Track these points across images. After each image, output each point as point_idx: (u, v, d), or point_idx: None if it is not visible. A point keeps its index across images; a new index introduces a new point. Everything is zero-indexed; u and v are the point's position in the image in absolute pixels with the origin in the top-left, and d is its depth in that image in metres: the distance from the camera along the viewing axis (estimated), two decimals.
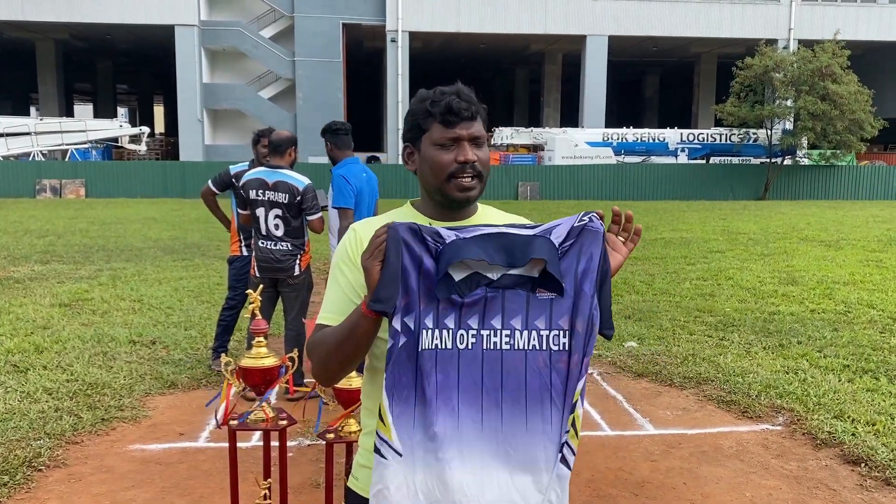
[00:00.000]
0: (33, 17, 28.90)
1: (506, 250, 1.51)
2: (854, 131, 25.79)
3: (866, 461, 4.07)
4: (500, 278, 1.52)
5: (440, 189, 1.66)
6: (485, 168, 1.66)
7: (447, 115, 1.62)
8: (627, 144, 28.80)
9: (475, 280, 1.52)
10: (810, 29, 30.83)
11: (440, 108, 1.62)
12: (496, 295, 1.52)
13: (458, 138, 1.63)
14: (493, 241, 1.51)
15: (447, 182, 1.64)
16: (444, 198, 1.67)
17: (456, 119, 1.62)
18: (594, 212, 1.60)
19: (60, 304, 7.91)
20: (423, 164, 1.67)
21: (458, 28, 30.48)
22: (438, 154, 1.64)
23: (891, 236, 14.55)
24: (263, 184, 4.97)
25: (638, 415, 4.93)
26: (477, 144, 1.65)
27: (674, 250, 12.51)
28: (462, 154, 1.62)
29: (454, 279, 1.51)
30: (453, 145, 1.63)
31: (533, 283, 1.53)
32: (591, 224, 1.57)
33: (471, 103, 1.64)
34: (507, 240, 1.51)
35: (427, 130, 1.65)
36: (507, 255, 1.51)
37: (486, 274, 1.52)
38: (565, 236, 1.56)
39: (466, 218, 1.71)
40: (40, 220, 17.02)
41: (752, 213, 20.75)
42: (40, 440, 4.28)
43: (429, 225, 1.54)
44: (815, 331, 6.92)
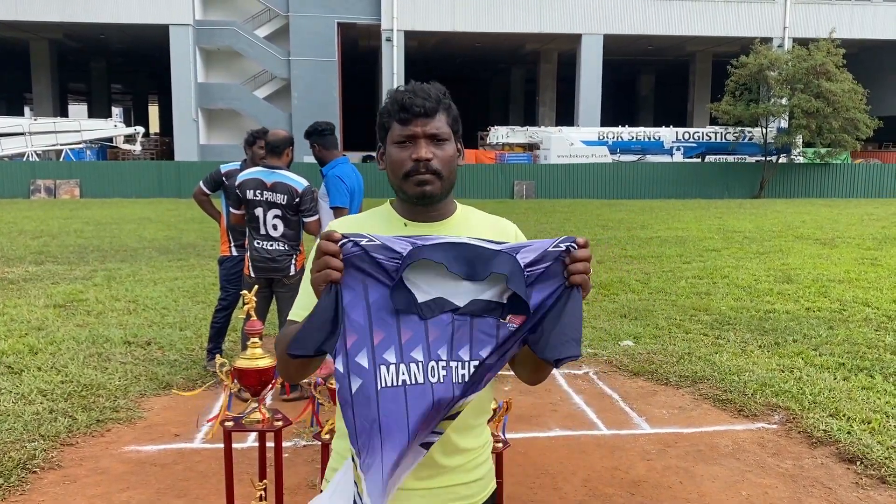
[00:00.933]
0: (27, 16, 28.80)
1: (467, 261, 1.43)
2: (849, 130, 25.84)
3: (861, 459, 4.07)
4: (468, 304, 1.44)
5: (400, 188, 1.64)
6: (445, 166, 1.62)
7: (402, 112, 1.60)
8: (623, 143, 28.82)
9: (439, 304, 1.43)
10: (805, 27, 30.89)
11: (396, 105, 1.61)
12: (464, 323, 1.44)
13: (414, 136, 1.60)
14: (454, 250, 1.43)
15: (405, 181, 1.62)
16: (405, 195, 1.64)
17: (409, 116, 1.59)
18: (574, 239, 1.47)
19: (55, 305, 7.89)
20: (387, 163, 1.66)
21: (453, 27, 30.47)
22: (396, 152, 1.62)
23: (885, 234, 14.59)
24: (261, 184, 4.96)
25: (634, 414, 4.93)
26: (436, 142, 1.61)
27: (669, 249, 12.52)
28: (416, 152, 1.59)
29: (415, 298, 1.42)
30: (410, 143, 1.60)
31: (503, 309, 1.45)
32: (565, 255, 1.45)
33: (427, 99, 1.60)
34: (469, 250, 1.44)
35: (389, 129, 1.64)
36: (467, 265, 1.43)
37: (452, 299, 1.44)
38: (535, 259, 1.45)
39: (444, 219, 1.68)
40: (35, 221, 16.97)
41: (747, 211, 20.79)
42: (35, 442, 4.26)
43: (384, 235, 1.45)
44: (811, 329, 6.94)
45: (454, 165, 1.66)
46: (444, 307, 1.43)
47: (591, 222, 17.48)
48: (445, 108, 1.64)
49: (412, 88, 1.62)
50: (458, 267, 1.42)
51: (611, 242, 13.46)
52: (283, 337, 1.58)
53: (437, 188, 1.62)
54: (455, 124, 1.66)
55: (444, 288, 1.44)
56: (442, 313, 1.43)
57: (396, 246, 1.42)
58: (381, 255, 1.42)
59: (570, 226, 16.62)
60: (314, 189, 5.16)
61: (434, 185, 1.61)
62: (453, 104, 1.67)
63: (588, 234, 14.77)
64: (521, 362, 1.60)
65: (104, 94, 42.04)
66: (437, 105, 1.62)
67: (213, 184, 5.75)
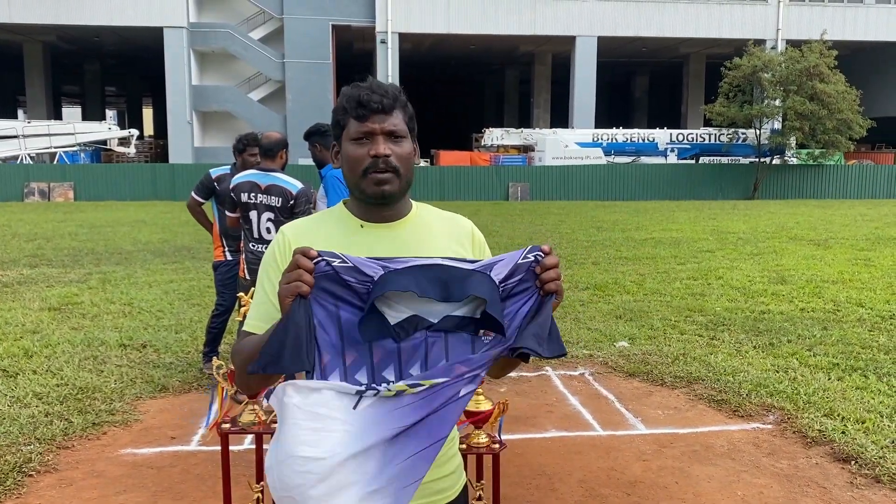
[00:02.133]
0: (20, 18, 28.73)
1: (441, 283, 1.40)
2: (842, 131, 25.97)
3: (856, 459, 4.09)
4: (441, 321, 1.42)
5: (357, 186, 1.61)
6: (402, 164, 1.60)
7: (358, 108, 1.58)
8: (617, 145, 28.89)
9: (413, 323, 1.42)
10: (798, 29, 31.02)
11: (352, 102, 1.59)
12: (437, 339, 1.42)
13: (372, 132, 1.58)
14: (427, 273, 1.40)
15: (363, 178, 1.59)
16: (362, 194, 1.62)
17: (366, 112, 1.57)
18: (540, 248, 1.46)
19: (50, 308, 7.87)
20: (343, 161, 1.64)
21: (447, 29, 30.51)
22: (354, 149, 1.60)
23: (878, 235, 14.65)
24: (256, 187, 4.94)
25: (629, 414, 4.94)
26: (394, 138, 1.60)
27: (664, 250, 12.56)
28: (374, 148, 1.57)
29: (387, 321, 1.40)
30: (368, 140, 1.59)
31: (476, 324, 1.43)
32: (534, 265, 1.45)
33: (384, 96, 1.58)
34: (443, 272, 1.41)
35: (345, 126, 1.62)
36: (441, 288, 1.40)
37: (426, 317, 1.42)
38: (509, 274, 1.44)
39: (399, 218, 1.66)
40: (29, 224, 16.92)
41: (741, 212, 20.85)
42: (31, 445, 4.26)
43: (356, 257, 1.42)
44: (805, 329, 6.96)
45: (411, 164, 1.64)
46: (419, 325, 1.42)
47: (585, 224, 17.51)
48: (402, 106, 1.62)
49: (369, 85, 1.60)
50: (432, 291, 1.39)
51: (605, 244, 13.49)
52: (241, 349, 1.54)
53: (395, 187, 1.60)
54: (411, 122, 1.65)
55: (416, 306, 1.43)
56: (415, 332, 1.42)
57: (367, 269, 1.40)
58: (351, 278, 1.40)
59: (565, 227, 16.65)
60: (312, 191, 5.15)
61: (393, 183, 1.59)
62: (409, 103, 1.66)
63: (582, 236, 14.80)
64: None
65: (98, 97, 41.95)
66: (394, 102, 1.60)
67: (205, 191, 5.72)
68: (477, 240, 1.72)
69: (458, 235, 1.69)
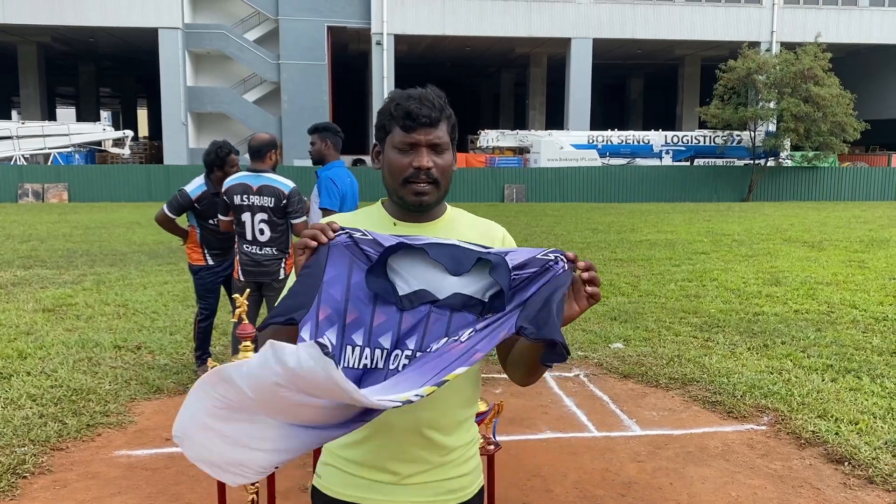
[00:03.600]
0: (15, 19, 28.65)
1: (454, 258, 1.46)
2: (836, 133, 26.06)
3: (849, 460, 4.11)
4: (448, 297, 1.45)
5: (396, 192, 1.65)
6: (442, 175, 1.64)
7: (406, 119, 1.60)
8: (612, 146, 28.93)
9: (420, 296, 1.45)
10: (792, 32, 31.13)
11: (401, 112, 1.61)
12: (441, 316, 1.44)
13: (416, 143, 1.61)
14: (441, 248, 1.47)
15: (403, 186, 1.63)
16: (401, 200, 1.66)
17: (414, 124, 1.60)
18: (563, 253, 1.48)
19: (44, 310, 7.85)
20: (384, 166, 1.67)
21: (443, 31, 30.53)
22: (397, 157, 1.63)
23: (873, 237, 14.70)
24: (247, 188, 4.93)
25: (624, 416, 4.95)
26: (437, 151, 1.63)
27: (659, 252, 12.58)
28: (418, 160, 1.61)
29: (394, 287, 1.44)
30: (411, 150, 1.62)
31: (482, 306, 1.45)
32: (556, 266, 1.45)
33: (433, 109, 1.61)
34: (457, 250, 1.47)
35: (390, 133, 1.64)
36: (453, 261, 1.45)
37: (434, 292, 1.45)
38: (522, 264, 1.46)
39: (433, 220, 1.70)
40: (23, 225, 16.87)
41: (736, 214, 20.90)
42: (25, 447, 4.24)
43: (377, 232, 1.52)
44: (799, 331, 6.98)
45: (451, 173, 1.68)
46: (425, 299, 1.44)
47: (580, 225, 17.53)
48: (447, 118, 1.66)
49: (418, 96, 1.63)
50: (444, 260, 1.44)
51: (600, 245, 13.51)
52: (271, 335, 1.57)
53: (433, 197, 1.65)
54: (454, 132, 1.69)
55: (427, 280, 1.46)
56: (421, 304, 1.44)
57: (386, 242, 1.48)
58: (369, 248, 1.48)
59: (560, 229, 16.67)
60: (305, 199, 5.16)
61: (431, 194, 1.64)
62: (453, 112, 1.69)
63: (578, 238, 14.82)
64: (513, 363, 1.62)
65: (93, 98, 41.87)
66: (440, 114, 1.63)
67: (179, 209, 5.53)
68: (508, 244, 1.74)
69: (488, 237, 1.71)
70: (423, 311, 1.44)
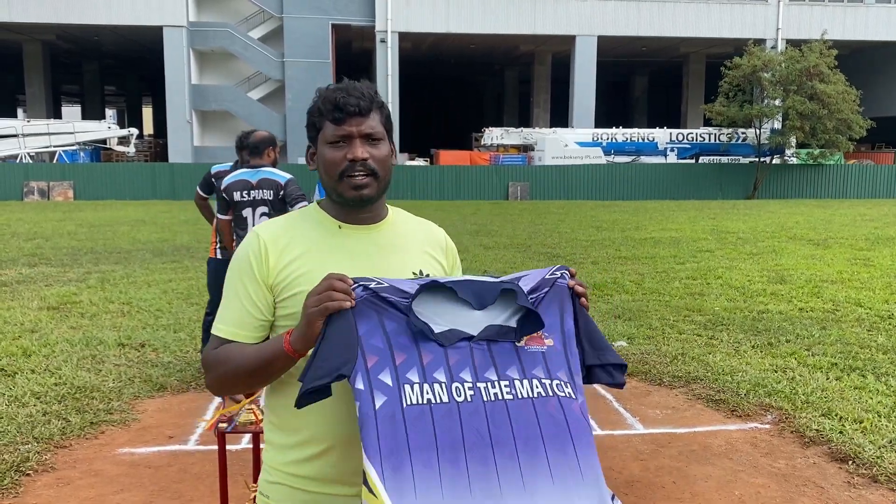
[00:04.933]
0: (20, 18, 28.70)
1: (475, 293, 1.46)
2: (842, 131, 25.96)
3: (854, 459, 4.09)
4: (482, 331, 1.45)
5: (335, 189, 1.60)
6: (381, 166, 1.59)
7: (336, 111, 1.55)
8: (617, 144, 28.88)
9: (454, 334, 1.44)
10: (798, 29, 31.01)
11: (329, 105, 1.56)
12: (482, 348, 1.45)
13: (349, 135, 1.56)
14: (462, 286, 1.46)
15: (340, 181, 1.58)
16: (340, 197, 1.60)
17: (343, 115, 1.55)
18: (566, 268, 1.55)
19: (48, 308, 7.87)
20: (319, 164, 1.61)
21: (447, 29, 30.49)
22: (330, 152, 1.58)
23: (878, 235, 14.65)
24: (247, 184, 4.99)
25: (628, 414, 4.94)
26: (371, 141, 1.58)
27: (663, 250, 12.55)
28: (352, 152, 1.56)
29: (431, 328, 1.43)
30: (345, 143, 1.57)
31: (515, 332, 1.46)
32: (561, 281, 1.52)
33: (361, 98, 1.56)
34: (474, 284, 1.47)
35: (321, 129, 1.60)
36: (476, 296, 1.46)
37: (466, 329, 1.45)
38: (534, 287, 1.50)
39: (377, 221, 1.66)
40: (28, 223, 16.91)
41: (741, 212, 20.85)
42: (28, 444, 4.25)
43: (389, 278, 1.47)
44: (804, 329, 6.96)
45: (389, 165, 1.62)
46: (459, 336, 1.44)
47: (585, 223, 17.50)
48: (379, 107, 1.61)
49: (345, 87, 1.58)
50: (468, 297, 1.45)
51: (605, 243, 13.49)
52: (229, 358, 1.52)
53: (373, 190, 1.59)
54: (388, 122, 1.63)
55: (456, 319, 1.46)
56: (459, 341, 1.45)
57: (405, 287, 1.45)
58: (391, 295, 1.44)
59: (565, 227, 16.65)
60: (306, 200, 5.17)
61: (371, 187, 1.59)
62: (385, 103, 1.64)
63: (582, 235, 14.81)
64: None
65: (97, 96, 41.94)
66: (370, 104, 1.58)
67: (207, 186, 5.86)
68: (450, 248, 1.75)
69: (433, 242, 1.71)
70: (464, 346, 1.44)
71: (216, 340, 1.58)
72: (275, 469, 1.60)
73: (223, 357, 1.54)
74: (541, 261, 11.43)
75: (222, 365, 1.54)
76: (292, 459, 1.57)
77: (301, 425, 1.56)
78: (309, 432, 1.55)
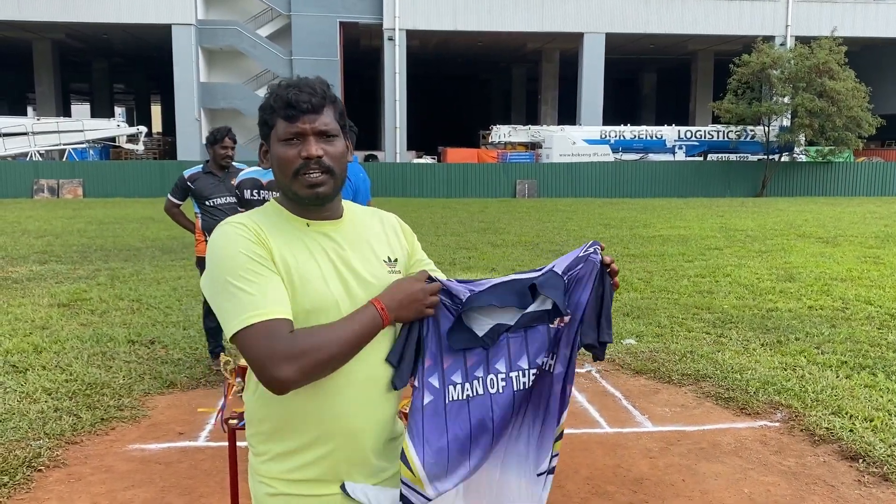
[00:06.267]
0: (30, 16, 28.84)
1: (517, 293, 1.63)
2: (851, 128, 25.82)
3: (864, 457, 4.08)
4: (518, 320, 1.63)
5: (290, 187, 1.56)
6: (336, 163, 1.57)
7: (288, 109, 1.53)
8: (625, 142, 28.82)
9: (497, 330, 1.63)
10: (807, 25, 30.85)
11: (280, 102, 1.54)
12: (518, 336, 1.64)
13: (302, 133, 1.53)
14: (504, 288, 1.64)
15: (294, 179, 1.55)
16: (295, 196, 1.57)
17: (296, 112, 1.52)
18: (597, 243, 1.68)
19: (59, 305, 7.91)
20: (273, 162, 1.58)
21: (455, 26, 30.47)
22: (284, 150, 1.54)
23: (888, 233, 14.57)
24: (258, 183, 4.98)
25: (636, 412, 4.94)
26: (325, 138, 1.56)
27: (672, 247, 12.53)
28: (306, 149, 1.53)
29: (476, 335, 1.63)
30: (298, 141, 1.54)
31: (549, 315, 1.64)
32: (594, 255, 1.66)
33: (313, 94, 1.54)
34: (518, 284, 1.64)
35: (273, 126, 1.56)
36: (519, 297, 1.63)
37: (504, 321, 1.64)
38: (571, 265, 1.66)
39: (339, 216, 1.64)
40: (38, 221, 17.00)
41: (749, 210, 20.77)
42: (40, 440, 4.28)
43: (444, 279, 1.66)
44: (813, 327, 6.94)
45: (345, 162, 1.60)
46: (501, 330, 1.64)
47: (593, 221, 17.48)
48: (332, 103, 1.58)
49: (297, 83, 1.55)
50: (511, 300, 1.64)
51: (613, 241, 13.46)
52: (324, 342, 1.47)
53: (329, 188, 1.57)
54: (342, 119, 1.62)
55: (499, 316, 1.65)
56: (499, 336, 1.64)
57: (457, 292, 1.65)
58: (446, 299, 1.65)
59: (573, 225, 16.63)
60: None
61: (327, 184, 1.56)
62: (339, 98, 1.63)
63: (590, 233, 14.78)
64: None
65: (107, 94, 42.10)
66: (323, 100, 1.56)
67: (180, 192, 5.75)
68: (406, 230, 1.79)
69: (390, 228, 1.74)
70: (503, 339, 1.64)
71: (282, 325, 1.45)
72: (275, 479, 1.58)
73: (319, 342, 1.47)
74: (549, 258, 11.41)
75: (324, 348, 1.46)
76: (297, 465, 1.56)
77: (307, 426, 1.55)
78: (317, 431, 1.55)
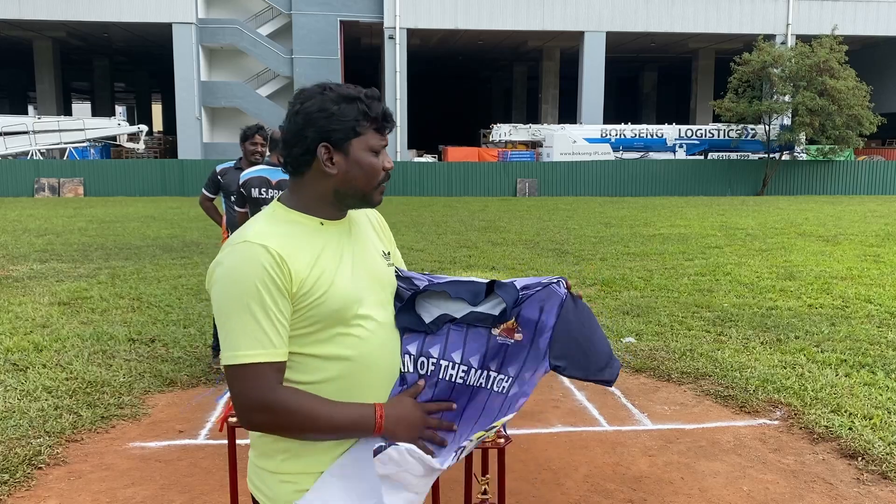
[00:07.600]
0: (30, 15, 28.86)
1: (471, 292, 1.70)
2: (852, 126, 25.81)
3: (863, 455, 4.08)
4: (464, 316, 1.70)
5: (365, 194, 1.61)
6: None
7: (385, 122, 1.60)
8: (625, 140, 28.80)
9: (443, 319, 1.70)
10: (808, 24, 30.83)
11: (377, 113, 1.57)
12: (459, 330, 1.70)
13: (384, 146, 1.63)
14: (461, 284, 1.72)
15: (376, 189, 1.63)
16: (363, 201, 1.63)
17: (389, 127, 1.62)
18: (564, 279, 1.74)
19: (59, 303, 7.92)
20: (352, 168, 1.57)
21: (455, 25, 30.47)
22: (374, 161, 1.60)
23: (888, 231, 14.57)
24: (266, 182, 4.95)
25: (636, 410, 4.94)
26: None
27: (672, 246, 12.53)
28: (387, 162, 1.62)
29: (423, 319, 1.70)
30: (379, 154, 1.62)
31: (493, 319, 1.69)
32: (557, 287, 1.71)
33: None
34: (475, 285, 1.72)
35: (362, 134, 1.57)
36: (472, 294, 1.70)
37: (451, 312, 1.70)
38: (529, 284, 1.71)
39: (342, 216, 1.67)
40: (39, 219, 17.01)
41: (750, 208, 20.77)
42: (40, 438, 4.29)
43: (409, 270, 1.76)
44: (813, 326, 6.94)
45: None
46: (445, 319, 1.71)
47: (593, 219, 17.48)
48: None
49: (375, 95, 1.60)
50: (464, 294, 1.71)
51: (613, 240, 13.47)
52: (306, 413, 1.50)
53: None
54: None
55: (448, 307, 1.72)
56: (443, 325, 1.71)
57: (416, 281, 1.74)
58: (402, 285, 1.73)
59: (573, 223, 16.63)
60: None
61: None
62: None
63: (591, 232, 14.79)
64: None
65: (107, 93, 42.11)
66: None
67: (213, 186, 5.91)
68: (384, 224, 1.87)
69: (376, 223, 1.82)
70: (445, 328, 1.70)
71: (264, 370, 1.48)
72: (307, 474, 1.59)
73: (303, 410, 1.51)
74: (549, 257, 11.43)
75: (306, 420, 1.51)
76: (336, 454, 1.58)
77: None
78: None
